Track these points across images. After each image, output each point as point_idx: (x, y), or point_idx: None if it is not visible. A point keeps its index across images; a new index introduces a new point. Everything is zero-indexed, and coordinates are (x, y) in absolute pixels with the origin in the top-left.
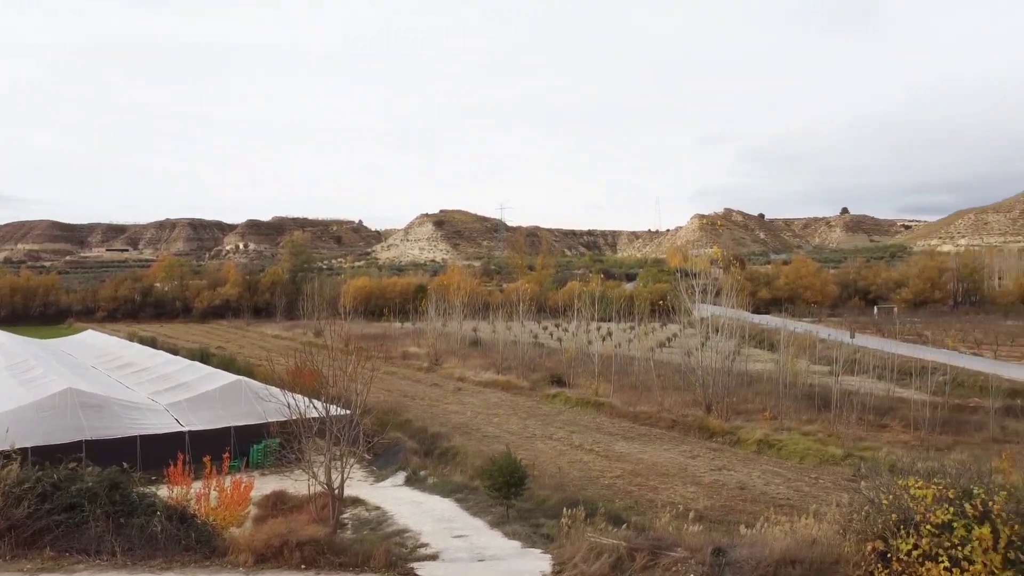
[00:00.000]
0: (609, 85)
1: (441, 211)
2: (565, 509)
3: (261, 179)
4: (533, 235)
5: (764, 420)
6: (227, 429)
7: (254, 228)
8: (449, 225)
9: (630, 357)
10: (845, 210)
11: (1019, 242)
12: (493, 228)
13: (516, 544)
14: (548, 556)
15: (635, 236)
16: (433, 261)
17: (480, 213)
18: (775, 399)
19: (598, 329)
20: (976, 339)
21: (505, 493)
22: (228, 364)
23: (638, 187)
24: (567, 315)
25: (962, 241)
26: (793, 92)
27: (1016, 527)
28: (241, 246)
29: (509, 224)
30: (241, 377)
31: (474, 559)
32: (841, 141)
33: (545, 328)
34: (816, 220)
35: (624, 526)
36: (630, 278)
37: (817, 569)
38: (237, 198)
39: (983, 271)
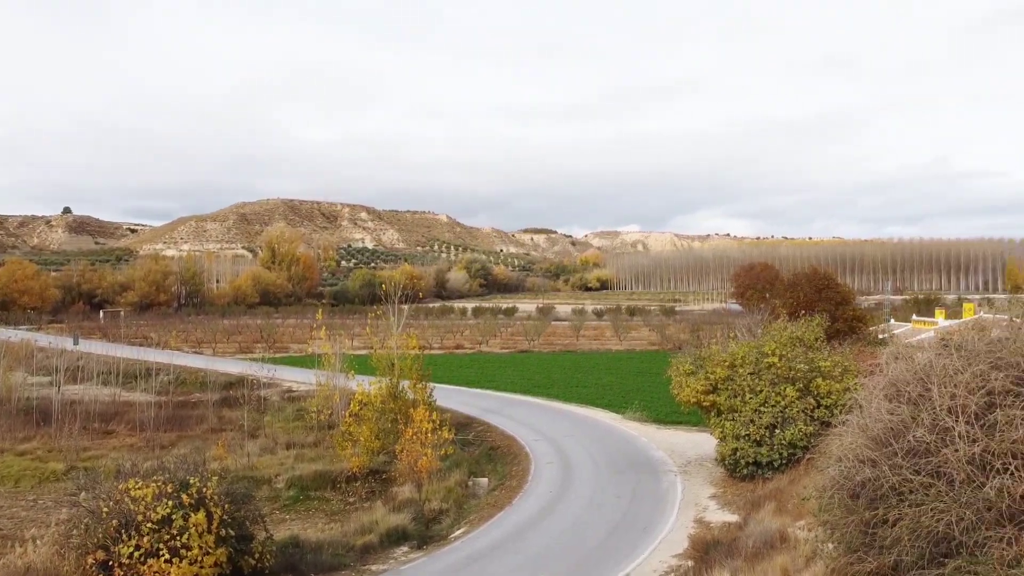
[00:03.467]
0: None
1: None
2: None
3: None
4: None
5: None
6: None
7: None
8: None
9: None
10: (68, 210)
11: (233, 248)
12: None
13: None
14: None
15: None
16: None
17: None
18: None
19: None
20: (198, 338)
21: None
22: None
23: None
24: None
25: (185, 246)
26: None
27: (227, 506)
28: None
29: None
30: None
31: None
32: (63, 137)
33: None
34: (35, 219)
35: None
36: None
37: None
38: None
39: (204, 274)
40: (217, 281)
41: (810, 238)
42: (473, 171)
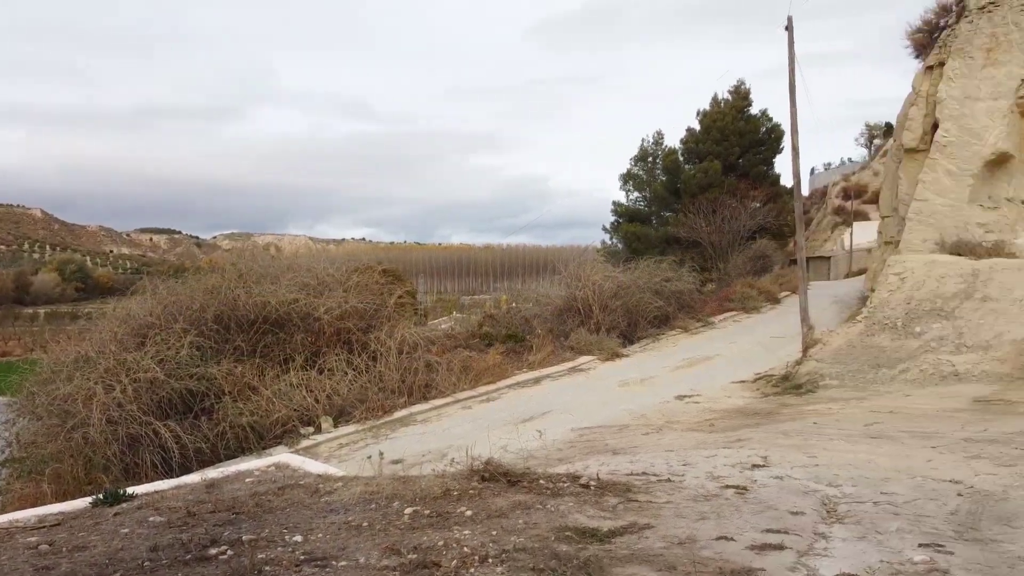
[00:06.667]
0: None
1: None
2: None
3: None
4: None
5: None
6: None
7: None
8: None
9: None
10: None
11: None
12: None
13: None
14: None
15: None
16: None
17: None
18: None
19: None
20: None
21: None
22: None
23: None
24: None
25: None
26: None
27: None
28: None
29: None
30: None
31: None
32: None
33: None
34: None
35: None
36: None
37: None
38: None
39: None
40: None
41: (439, 244)
42: (76, 164)
